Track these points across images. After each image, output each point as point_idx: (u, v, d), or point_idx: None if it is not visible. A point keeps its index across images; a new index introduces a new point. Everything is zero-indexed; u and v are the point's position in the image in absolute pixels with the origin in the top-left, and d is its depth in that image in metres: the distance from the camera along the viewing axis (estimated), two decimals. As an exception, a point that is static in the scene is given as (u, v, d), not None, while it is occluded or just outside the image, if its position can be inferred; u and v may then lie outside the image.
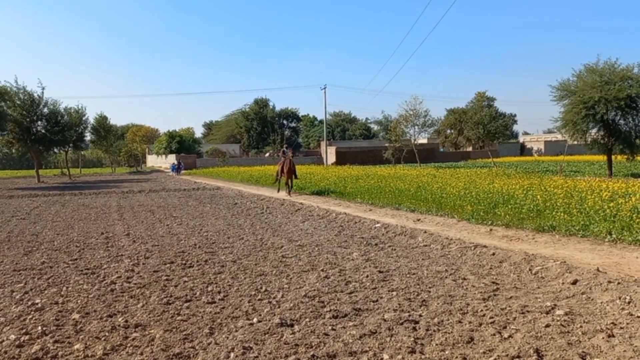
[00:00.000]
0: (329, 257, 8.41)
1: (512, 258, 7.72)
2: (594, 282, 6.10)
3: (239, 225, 12.66)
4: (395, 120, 50.36)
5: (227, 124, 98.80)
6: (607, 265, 7.09)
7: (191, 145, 70.00)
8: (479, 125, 41.91)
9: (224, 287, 6.57)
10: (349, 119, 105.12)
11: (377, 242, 9.84)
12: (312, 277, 7.01)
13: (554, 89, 27.92)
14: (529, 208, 12.24)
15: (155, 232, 11.68)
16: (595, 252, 8.21)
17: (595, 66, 26.57)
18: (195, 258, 8.55)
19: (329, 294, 6.13)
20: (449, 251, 8.68)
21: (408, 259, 8.17)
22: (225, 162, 60.49)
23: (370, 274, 7.12)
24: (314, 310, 5.47)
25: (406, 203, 15.65)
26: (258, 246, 9.59)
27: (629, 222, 9.72)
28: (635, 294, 5.55)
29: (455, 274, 7.04)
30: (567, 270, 6.70)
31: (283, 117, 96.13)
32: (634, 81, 25.10)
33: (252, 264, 8.01)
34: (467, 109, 63.62)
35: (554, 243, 9.13)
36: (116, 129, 69.55)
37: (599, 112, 25.05)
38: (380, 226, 11.52)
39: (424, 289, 6.30)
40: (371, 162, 58.61)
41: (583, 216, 10.69)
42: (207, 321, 5.22)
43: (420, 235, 10.13)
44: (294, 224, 12.70)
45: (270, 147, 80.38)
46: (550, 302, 5.52)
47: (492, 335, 4.59)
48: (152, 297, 6.16)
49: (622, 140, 26.42)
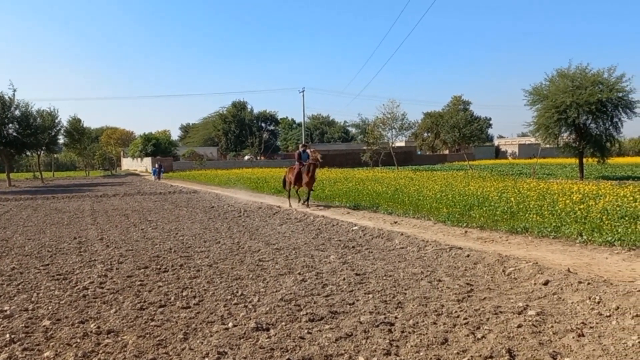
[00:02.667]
0: (306, 260, 8.40)
1: (486, 259, 7.82)
2: (565, 283, 6.22)
3: (215, 228, 12.57)
4: (372, 124, 50.64)
5: (205, 127, 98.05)
6: (577, 266, 7.24)
7: (167, 148, 69.31)
8: (454, 129, 42.46)
9: (199, 292, 6.51)
10: (328, 122, 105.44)
11: (355, 244, 9.87)
12: (289, 280, 7.00)
13: (527, 94, 28.51)
14: (503, 210, 12.43)
15: (130, 237, 11.52)
16: (567, 253, 8.38)
17: (567, 71, 27.20)
18: (170, 262, 8.45)
19: (306, 297, 6.12)
20: (425, 253, 8.75)
21: (385, 262, 8.21)
22: (202, 165, 59.98)
23: (347, 276, 7.14)
24: (290, 313, 5.45)
25: (384, 206, 15.74)
26: (235, 250, 9.53)
27: (599, 223, 9.95)
28: (605, 294, 5.67)
29: (430, 276, 7.10)
30: (539, 271, 6.82)
31: (261, 119, 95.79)
32: (604, 86, 25.74)
33: (228, 267, 7.95)
34: (444, 112, 64.27)
35: (527, 244, 9.29)
36: (90, 131, 68.54)
37: (571, 116, 25.63)
38: (358, 229, 11.56)
39: (400, 291, 6.34)
40: (349, 165, 58.80)
41: (555, 218, 10.90)
42: (182, 326, 5.16)
43: (397, 237, 10.20)
44: (272, 227, 12.66)
45: (249, 150, 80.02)
46: (523, 303, 5.61)
47: (465, 336, 4.64)
48: (125, 303, 6.07)
49: (593, 144, 27.08)
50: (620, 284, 5.98)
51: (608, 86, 25.68)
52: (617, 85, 25.79)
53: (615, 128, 27.12)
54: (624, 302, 5.37)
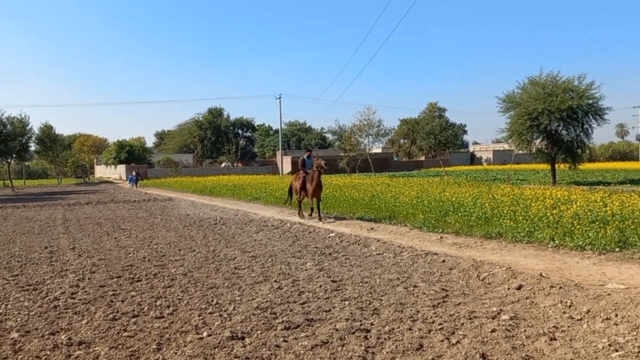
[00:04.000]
0: (282, 267, 8.37)
1: (461, 265, 7.91)
2: (538, 287, 6.32)
3: (190, 236, 12.44)
4: (349, 130, 50.87)
5: (180, 134, 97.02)
6: (550, 271, 7.36)
7: (142, 155, 68.43)
8: (430, 135, 42.92)
9: (174, 301, 6.42)
10: (305, 128, 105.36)
11: (331, 251, 9.87)
12: (265, 288, 6.95)
13: (500, 101, 28.97)
14: (477, 216, 12.58)
15: (103, 246, 11.32)
16: (539, 257, 8.52)
17: (538, 79, 27.75)
18: (144, 272, 8.32)
19: (282, 304, 6.09)
20: (401, 259, 8.80)
21: (361, 268, 8.23)
22: (178, 172, 59.34)
23: (324, 283, 7.13)
24: (266, 322, 5.42)
25: (360, 212, 15.79)
26: (210, 258, 9.44)
27: (571, 228, 10.14)
28: (576, 297, 5.78)
29: (406, 282, 7.14)
30: (513, 276, 6.92)
31: (238, 126, 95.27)
32: (574, 93, 26.32)
33: (203, 276, 7.87)
34: (420, 119, 65.07)
35: (501, 249, 9.42)
36: (62, 138, 67.26)
37: (543, 123, 26.13)
38: (335, 235, 11.57)
39: (376, 297, 6.35)
40: (326, 172, 58.54)
41: (528, 223, 11.08)
42: (155, 336, 5.08)
43: (373, 244, 10.24)
44: (248, 234, 12.58)
45: (225, 157, 79.48)
46: (496, 307, 5.68)
47: (440, 341, 4.67)
48: (97, 313, 5.95)
49: (564, 150, 27.62)
50: (590, 288, 6.10)
51: (578, 93, 26.26)
52: (587, 93, 26.39)
53: (586, 134, 27.74)
54: (595, 305, 5.47)
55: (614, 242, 8.97)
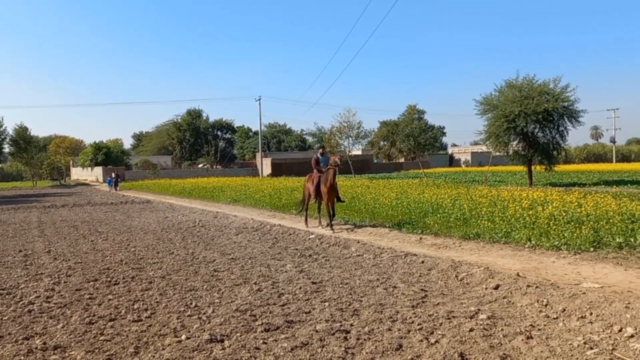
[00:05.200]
0: (262, 269, 8.33)
1: (440, 265, 7.97)
2: (515, 287, 6.40)
3: (169, 239, 12.31)
4: (329, 132, 50.97)
5: (158, 135, 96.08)
6: (526, 270, 7.47)
7: (119, 156, 67.54)
8: (410, 137, 43.28)
9: (152, 304, 6.34)
10: (285, 130, 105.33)
11: (311, 253, 9.86)
12: (245, 290, 6.91)
13: (478, 103, 29.33)
14: (456, 217, 12.71)
15: (79, 249, 11.13)
16: (516, 257, 8.64)
17: (515, 82, 28.16)
18: (121, 275, 8.20)
19: (261, 307, 6.06)
20: (381, 260, 8.84)
21: (341, 269, 8.24)
22: (156, 174, 58.69)
23: (304, 285, 7.12)
24: (246, 324, 5.38)
25: (340, 214, 15.81)
26: (189, 261, 9.35)
27: (547, 229, 10.31)
28: (552, 296, 5.88)
29: (386, 283, 7.17)
30: (490, 276, 7.00)
31: (217, 128, 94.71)
32: (550, 96, 26.78)
33: (182, 279, 7.79)
34: (399, 121, 65.53)
35: (479, 250, 9.53)
36: (37, 140, 66.05)
37: (519, 125, 26.52)
38: (315, 237, 11.57)
39: (356, 298, 6.37)
40: (307, 174, 58.69)
41: (505, 224, 11.23)
42: (133, 340, 5.01)
43: (353, 245, 10.26)
44: (227, 237, 12.50)
45: (204, 159, 78.89)
46: (475, 307, 5.74)
47: (419, 341, 4.70)
48: (73, 317, 5.85)
49: (540, 152, 28.08)
50: (566, 287, 6.21)
51: (554, 96, 26.73)
52: (562, 95, 26.87)
53: (561, 136, 28.25)
54: (570, 304, 5.57)
55: (588, 242, 9.15)
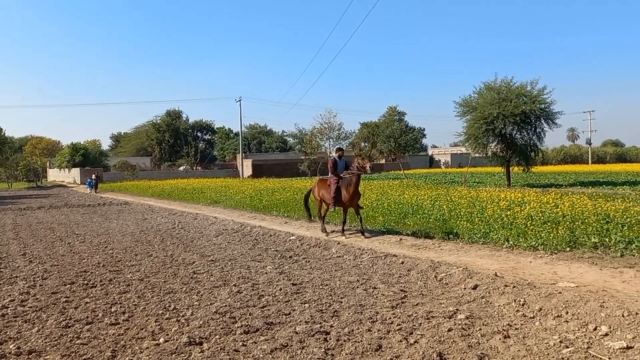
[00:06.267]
0: (242, 271, 8.28)
1: (419, 266, 8.02)
2: (493, 287, 6.48)
3: (147, 241, 12.16)
4: (310, 133, 50.99)
5: (137, 136, 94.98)
6: (504, 270, 7.56)
7: (97, 158, 66.55)
8: (390, 139, 43.54)
9: (129, 307, 6.26)
10: (265, 131, 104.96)
11: (292, 254, 9.84)
12: (224, 292, 6.87)
13: (457, 105, 29.66)
14: (435, 218, 12.81)
15: (55, 251, 10.93)
16: (494, 258, 8.74)
17: (493, 84, 28.57)
18: (98, 277, 8.07)
19: (241, 309, 6.03)
20: (361, 261, 8.86)
21: (321, 271, 8.24)
22: (135, 175, 58.00)
23: (284, 286, 7.10)
24: (225, 326, 5.34)
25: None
26: (168, 263, 9.25)
27: (524, 229, 10.45)
28: (529, 296, 5.96)
29: (366, 284, 7.19)
30: (469, 276, 7.07)
31: (197, 129, 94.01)
32: (527, 98, 27.22)
33: (160, 281, 7.70)
34: (380, 122, 65.98)
35: (458, 250, 9.61)
36: (13, 141, 64.71)
37: (498, 127, 26.89)
38: (295, 238, 11.55)
39: (336, 299, 6.37)
40: (288, 175, 58.72)
41: (484, 224, 11.36)
42: (110, 343, 4.94)
43: (334, 246, 10.27)
44: (207, 238, 12.41)
45: (184, 160, 78.20)
46: (453, 307, 5.79)
47: (399, 341, 4.72)
48: (49, 321, 5.74)
49: (518, 153, 28.52)
50: (543, 287, 6.30)
51: (531, 98, 27.17)
52: (539, 98, 27.34)
53: (539, 138, 28.73)
54: (546, 303, 5.65)
55: (564, 242, 9.30)
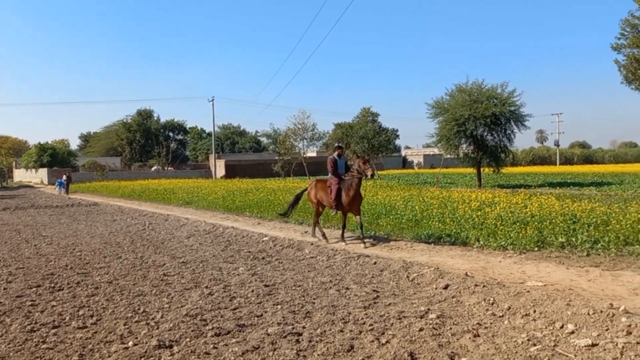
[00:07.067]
0: (214, 273, 8.20)
1: (391, 266, 8.07)
2: (463, 286, 6.56)
3: (117, 243, 11.94)
4: (284, 134, 50.88)
5: (107, 136, 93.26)
6: (474, 270, 7.67)
7: (65, 158, 65.12)
8: (364, 140, 43.82)
9: (98, 310, 6.13)
10: (239, 131, 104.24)
11: (264, 255, 9.79)
12: (195, 294, 6.78)
13: (429, 107, 30.00)
14: (408, 218, 12.93)
15: (21, 254, 10.64)
16: (465, 258, 8.86)
17: (464, 86, 29.00)
18: (65, 280, 7.88)
19: (212, 311, 5.96)
20: (334, 262, 8.87)
21: (294, 272, 8.21)
22: (104, 176, 56.88)
23: (256, 288, 7.05)
24: (196, 329, 5.27)
25: (294, 216, 15.77)
26: (138, 265, 9.09)
27: (494, 229, 10.63)
28: (498, 295, 6.05)
29: (339, 284, 7.20)
30: (440, 276, 7.15)
31: (169, 129, 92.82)
32: (498, 100, 27.72)
33: (130, 284, 7.56)
34: (354, 123, 66.18)
35: (430, 251, 9.71)
36: (-23, 140, 62.72)
37: (469, 129, 27.30)
38: (268, 239, 11.49)
39: (309, 300, 6.36)
40: (261, 175, 58.46)
41: (455, 225, 11.51)
42: (77, 347, 4.82)
43: (307, 247, 10.25)
44: (179, 240, 12.25)
45: (155, 161, 77.09)
46: (425, 307, 5.84)
47: (370, 342, 4.73)
48: (13, 325, 5.57)
49: (489, 154, 29.01)
50: (512, 286, 6.40)
51: (501, 100, 27.69)
52: (509, 100, 27.88)
53: (509, 140, 29.29)
54: (515, 302, 5.75)
55: (533, 241, 9.49)
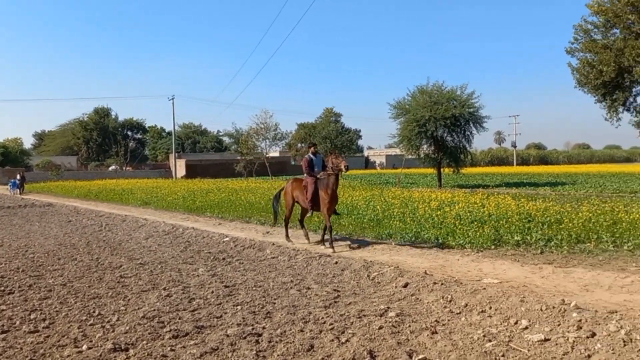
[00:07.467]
0: (172, 274, 8.05)
1: (352, 265, 8.11)
2: (422, 284, 6.66)
3: (72, 244, 11.58)
4: (246, 134, 50.52)
5: (63, 135, 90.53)
6: (433, 268, 7.80)
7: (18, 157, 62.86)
8: (327, 140, 44.04)
9: (50, 314, 5.92)
10: (200, 131, 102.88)
11: (225, 256, 9.68)
12: (153, 296, 6.64)
13: (391, 107, 30.40)
14: (370, 218, 13.05)
15: (-32, 256, 10.18)
16: (424, 256, 9.00)
17: (425, 87, 29.52)
18: (17, 283, 7.59)
19: (170, 313, 5.85)
20: (296, 262, 8.85)
21: (255, 272, 8.15)
22: (60, 176, 55.21)
23: (216, 289, 6.96)
24: (153, 331, 5.16)
25: (256, 216, 15.70)
26: (93, 267, 8.84)
27: (453, 228, 10.85)
28: (456, 293, 6.17)
29: (300, 284, 7.19)
30: (400, 275, 7.23)
31: (127, 127, 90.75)
32: (457, 102, 28.34)
33: (85, 286, 7.34)
34: (317, 123, 66.43)
35: (390, 250, 9.83)
36: None
37: (430, 130, 27.81)
38: (229, 240, 11.37)
39: (269, 300, 6.32)
40: (223, 175, 57.81)
41: (415, 224, 11.68)
42: (28, 352, 4.64)
43: (268, 247, 10.19)
44: (136, 241, 11.98)
45: (113, 160, 75.28)
46: (384, 305, 5.89)
47: (330, 341, 4.74)
48: (-42, 331, 5.32)
49: (449, 155, 29.63)
50: (469, 283, 6.55)
51: (461, 102, 28.34)
52: (469, 102, 28.56)
53: (468, 141, 30.02)
54: (472, 299, 5.88)
55: (490, 240, 9.74)
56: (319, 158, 11.14)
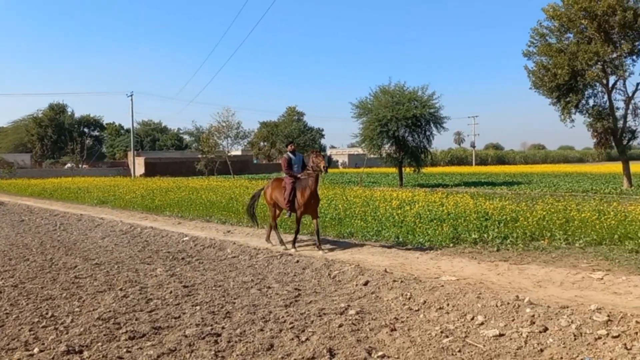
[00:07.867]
0: (129, 274, 7.87)
1: (314, 264, 8.13)
2: (382, 282, 6.73)
3: (24, 244, 11.17)
4: (207, 132, 49.82)
5: (15, 131, 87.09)
6: (393, 266, 7.89)
7: (-33, 154, 60.17)
8: (289, 138, 43.82)
9: (0, 317, 5.69)
10: (160, 128, 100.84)
11: (184, 256, 9.53)
12: (109, 297, 6.47)
13: (354, 107, 30.59)
14: (331, 217, 13.08)
15: None
16: (385, 255, 9.09)
17: (387, 87, 29.83)
18: (-37, 286, 7.27)
19: (127, 314, 5.71)
20: (257, 261, 8.80)
21: (215, 272, 8.06)
22: (12, 174, 53.04)
23: (174, 289, 6.85)
24: (108, 333, 5.03)
25: (217, 215, 15.52)
26: (47, 267, 8.55)
27: (413, 227, 11.00)
28: (415, 290, 6.27)
29: (260, 283, 7.15)
30: (361, 273, 7.29)
31: (84, 124, 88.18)
32: (418, 102, 28.76)
33: (37, 287, 7.09)
34: (279, 122, 66.17)
35: (351, 248, 9.87)
36: None
37: (391, 129, 28.12)
38: (189, 239, 11.20)
39: (229, 300, 6.26)
40: (183, 174, 56.84)
41: (376, 223, 11.79)
42: (-26, 358, 4.45)
43: (229, 246, 10.10)
44: (92, 240, 11.65)
45: (69, 158, 72.97)
46: (345, 304, 5.93)
47: (290, 340, 4.74)
48: None
49: (410, 155, 30.03)
50: (427, 281, 6.66)
51: (422, 103, 28.77)
52: (429, 102, 29.02)
53: (428, 141, 30.52)
54: (430, 296, 5.98)
55: (448, 238, 9.92)
56: (299, 157, 10.52)
